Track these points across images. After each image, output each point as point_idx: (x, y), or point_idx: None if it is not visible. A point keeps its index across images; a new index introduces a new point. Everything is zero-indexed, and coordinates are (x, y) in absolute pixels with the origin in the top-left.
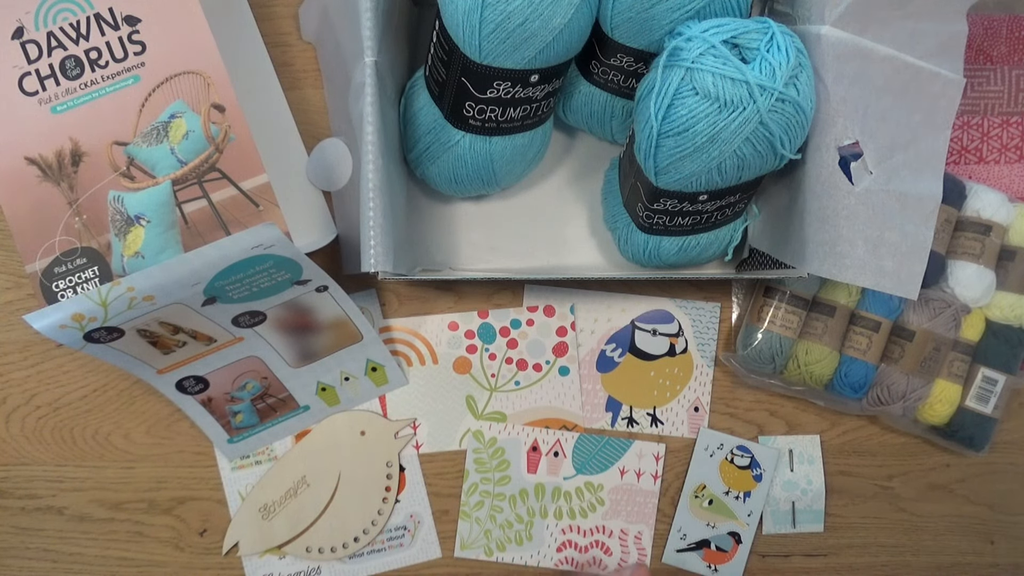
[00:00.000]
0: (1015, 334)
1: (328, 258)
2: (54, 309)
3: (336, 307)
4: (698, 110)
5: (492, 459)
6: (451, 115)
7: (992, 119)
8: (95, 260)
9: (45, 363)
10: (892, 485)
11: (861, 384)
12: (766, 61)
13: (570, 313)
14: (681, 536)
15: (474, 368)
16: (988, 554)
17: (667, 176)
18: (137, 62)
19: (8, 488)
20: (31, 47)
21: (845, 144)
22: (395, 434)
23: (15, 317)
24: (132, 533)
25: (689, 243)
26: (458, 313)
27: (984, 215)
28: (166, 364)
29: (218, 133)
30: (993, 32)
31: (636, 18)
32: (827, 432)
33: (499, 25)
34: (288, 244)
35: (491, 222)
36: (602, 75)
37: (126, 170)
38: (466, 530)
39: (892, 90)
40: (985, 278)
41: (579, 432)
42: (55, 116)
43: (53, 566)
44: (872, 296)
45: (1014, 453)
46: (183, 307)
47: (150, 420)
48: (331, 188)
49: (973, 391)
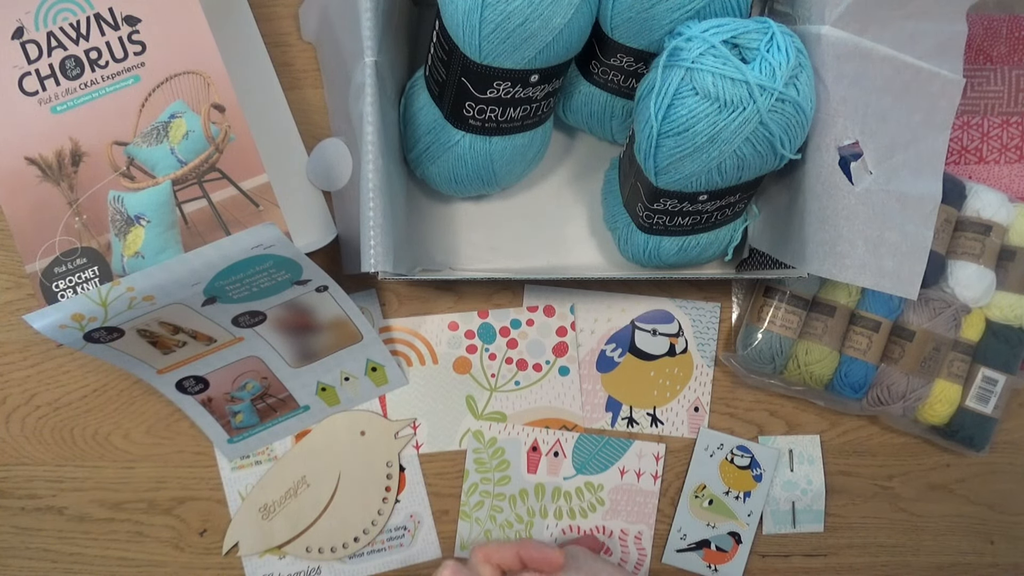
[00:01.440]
0: (1015, 334)
1: (328, 258)
2: (54, 309)
3: (336, 307)
4: (698, 110)
5: (492, 459)
6: (451, 115)
7: (992, 119)
8: (95, 260)
9: (45, 363)
10: (892, 485)
11: (861, 384)
12: (766, 61)
13: (570, 313)
14: (681, 536)
15: (474, 368)
16: (988, 554)
17: (667, 176)
18: (137, 62)
19: (8, 488)
20: (31, 47)
21: (845, 144)
22: (395, 434)
23: (15, 317)
24: (132, 533)
25: (689, 243)
26: (458, 313)
27: (984, 215)
28: (166, 364)
29: (218, 133)
30: (993, 32)
31: (636, 18)
32: (827, 432)
33: (499, 25)
34: (288, 244)
35: (491, 222)
36: (602, 75)
37: (126, 170)
38: (466, 530)
39: (892, 90)
40: (985, 278)
41: (579, 432)
42: (55, 116)
43: (53, 566)
44: (872, 296)
45: (1014, 453)
46: (183, 307)
47: (150, 420)
48: (331, 188)
49: (973, 391)
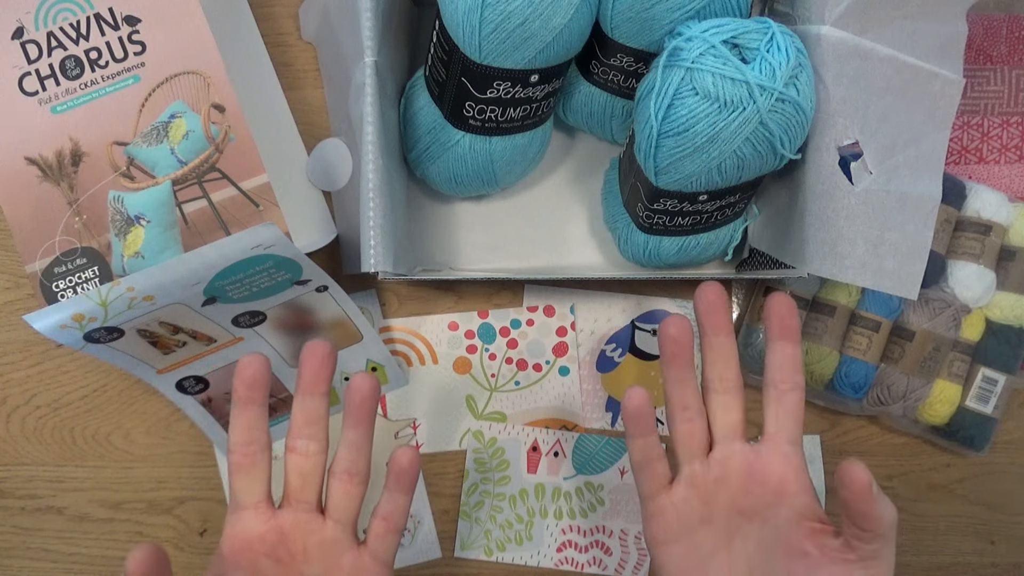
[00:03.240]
0: (1015, 334)
1: (328, 258)
2: (54, 309)
3: (336, 307)
4: (698, 110)
5: (492, 459)
6: (451, 115)
7: (992, 119)
8: (95, 260)
9: (45, 363)
10: (892, 485)
11: (861, 384)
12: (766, 61)
13: (570, 313)
14: None
15: (474, 368)
16: (988, 554)
17: (667, 176)
18: (137, 62)
19: (8, 488)
20: (31, 47)
21: (845, 144)
22: (395, 434)
23: (15, 317)
24: (132, 533)
25: (689, 243)
26: (458, 313)
27: (984, 215)
28: (166, 364)
29: (218, 133)
30: (993, 32)
31: (636, 18)
32: (827, 432)
33: (499, 25)
34: (288, 244)
35: (491, 222)
36: (602, 75)
37: (126, 170)
38: (466, 530)
39: (892, 90)
40: (985, 278)
41: (579, 432)
42: (55, 116)
43: (53, 566)
44: (872, 296)
45: (1014, 453)
46: (183, 307)
47: (150, 420)
48: (331, 188)
49: (973, 391)
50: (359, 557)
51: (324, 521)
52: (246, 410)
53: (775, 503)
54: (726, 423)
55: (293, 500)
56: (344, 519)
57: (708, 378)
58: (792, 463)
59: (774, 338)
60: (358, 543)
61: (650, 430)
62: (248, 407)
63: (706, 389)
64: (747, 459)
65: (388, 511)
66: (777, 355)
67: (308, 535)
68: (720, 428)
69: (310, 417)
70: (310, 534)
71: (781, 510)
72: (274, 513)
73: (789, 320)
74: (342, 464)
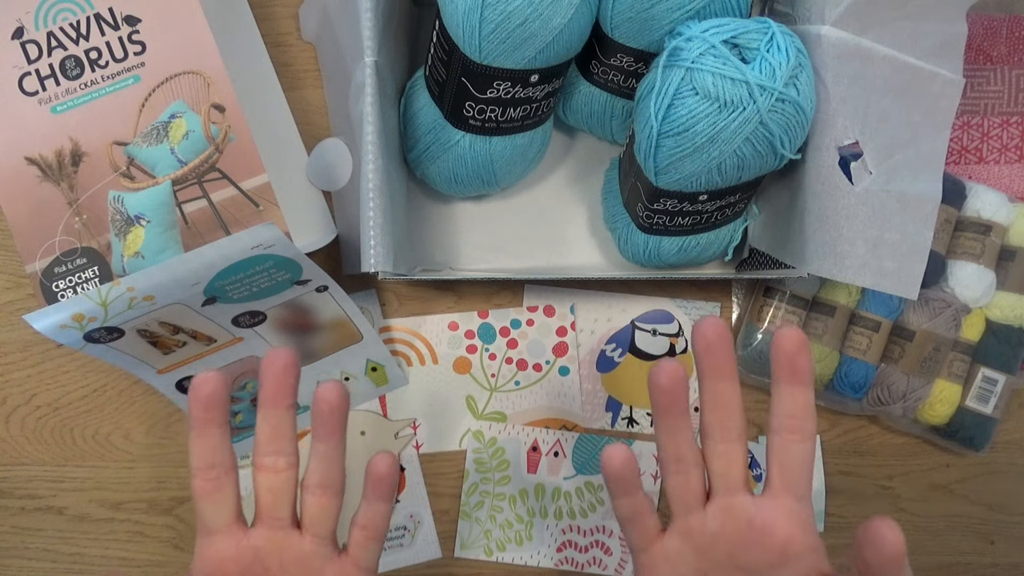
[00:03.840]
0: (1015, 334)
1: (328, 258)
2: (54, 309)
3: (336, 307)
4: (698, 110)
5: (492, 459)
6: (451, 115)
7: (992, 119)
8: (95, 260)
9: (45, 363)
10: (892, 485)
11: (861, 384)
12: (766, 61)
13: (570, 313)
14: None
15: (474, 368)
16: (988, 554)
17: (667, 176)
18: (137, 62)
19: (8, 488)
20: (31, 47)
21: (845, 144)
22: (395, 434)
23: (15, 317)
24: (132, 533)
25: (689, 243)
26: (458, 313)
27: (984, 215)
28: (166, 364)
29: (218, 133)
30: (993, 32)
31: (636, 18)
32: (827, 432)
33: (499, 25)
34: (288, 244)
35: (491, 222)
36: (602, 75)
37: (126, 170)
38: (466, 530)
39: (892, 90)
40: (985, 278)
41: (579, 432)
42: (55, 116)
43: (53, 566)
44: (872, 296)
45: (1014, 453)
46: (183, 307)
47: (150, 420)
48: (331, 188)
49: (973, 391)
50: (342, 566)
51: (301, 536)
52: (204, 432)
53: (779, 563)
54: (728, 476)
55: (266, 517)
56: (322, 532)
57: (707, 423)
58: (799, 519)
59: (783, 381)
60: (339, 552)
61: (635, 488)
62: (207, 428)
63: (704, 435)
64: (748, 513)
65: (367, 520)
66: (786, 401)
67: (284, 551)
68: (720, 480)
69: (276, 432)
70: (286, 550)
71: (786, 571)
72: (246, 533)
73: (801, 361)
74: (314, 477)
